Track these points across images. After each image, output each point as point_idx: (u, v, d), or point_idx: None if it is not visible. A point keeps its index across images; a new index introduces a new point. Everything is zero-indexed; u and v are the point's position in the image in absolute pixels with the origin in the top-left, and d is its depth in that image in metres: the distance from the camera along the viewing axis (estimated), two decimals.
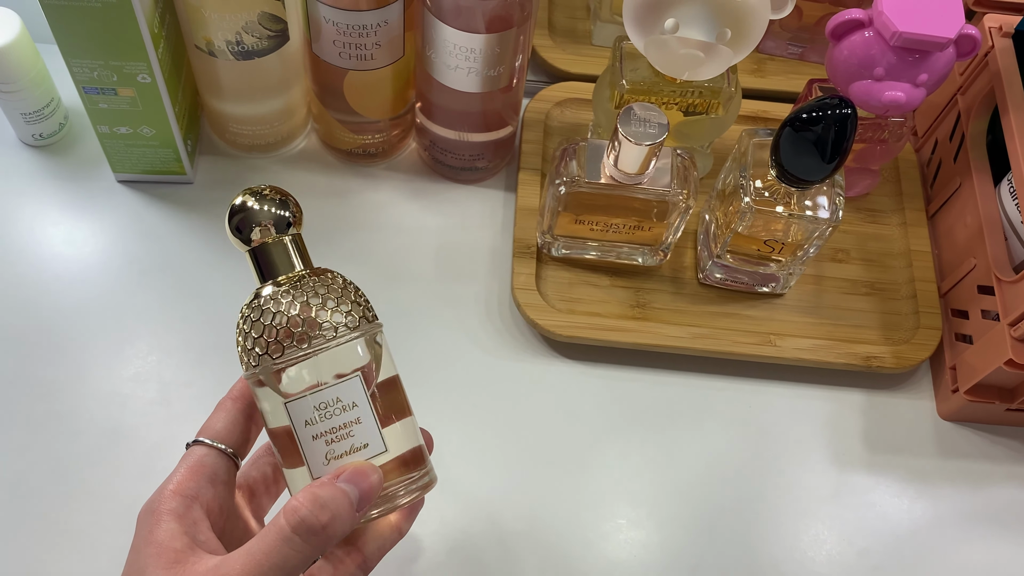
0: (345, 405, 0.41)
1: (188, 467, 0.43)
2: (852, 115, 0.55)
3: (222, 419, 0.44)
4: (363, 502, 0.40)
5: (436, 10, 0.58)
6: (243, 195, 0.43)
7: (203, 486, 0.42)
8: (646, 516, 0.61)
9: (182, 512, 0.41)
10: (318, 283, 0.42)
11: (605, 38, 0.76)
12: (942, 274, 0.70)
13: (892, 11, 0.58)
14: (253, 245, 0.43)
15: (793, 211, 0.60)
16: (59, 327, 0.64)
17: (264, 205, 0.42)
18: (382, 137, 0.70)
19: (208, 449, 0.43)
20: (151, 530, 0.41)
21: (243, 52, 0.61)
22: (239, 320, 0.43)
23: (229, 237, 0.43)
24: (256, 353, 0.41)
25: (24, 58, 0.64)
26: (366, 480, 0.40)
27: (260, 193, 0.43)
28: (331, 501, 0.39)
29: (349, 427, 0.41)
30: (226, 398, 0.45)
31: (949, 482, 0.64)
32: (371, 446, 0.41)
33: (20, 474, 0.59)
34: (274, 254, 0.43)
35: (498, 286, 0.68)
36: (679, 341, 0.65)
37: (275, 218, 0.42)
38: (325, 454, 0.41)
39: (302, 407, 0.41)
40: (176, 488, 0.42)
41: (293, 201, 0.43)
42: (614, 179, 0.61)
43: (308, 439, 0.41)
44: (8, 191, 0.69)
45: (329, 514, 0.39)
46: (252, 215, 0.42)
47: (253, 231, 0.42)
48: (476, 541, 0.60)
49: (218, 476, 0.43)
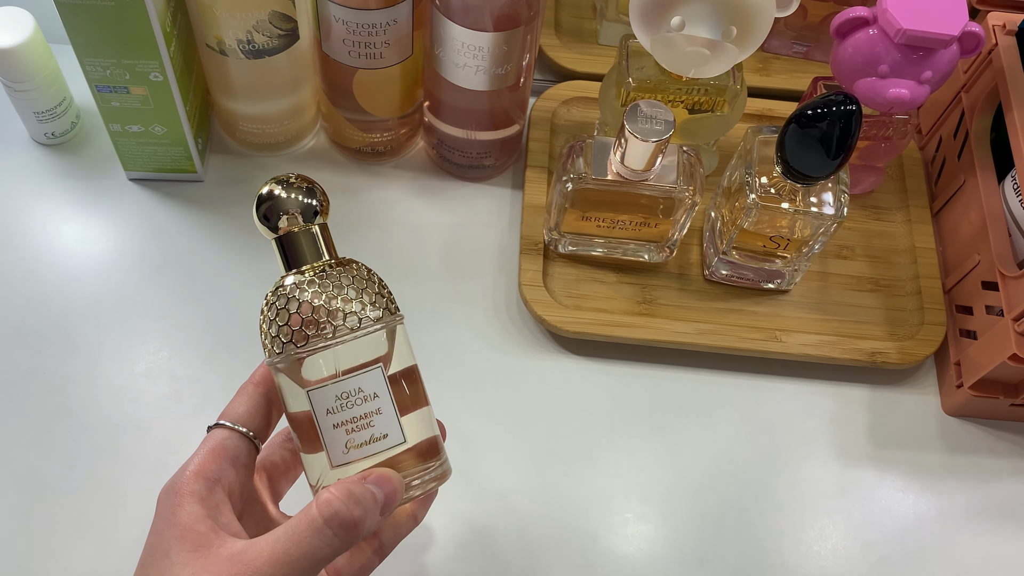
0: (367, 395, 0.41)
1: (210, 449, 0.43)
2: (857, 111, 0.55)
3: (244, 403, 0.45)
4: (387, 506, 0.41)
5: (445, 9, 0.59)
6: (271, 183, 0.43)
7: (225, 468, 0.42)
8: (653, 510, 0.62)
9: (204, 494, 0.41)
10: (343, 273, 0.42)
11: (611, 37, 0.77)
12: (946, 270, 0.70)
13: (896, 9, 0.58)
14: (280, 233, 0.43)
15: (798, 207, 0.61)
16: (71, 323, 0.65)
17: (292, 193, 0.43)
18: (390, 135, 0.70)
19: (230, 432, 0.43)
20: (174, 511, 0.41)
21: (254, 51, 0.62)
22: (263, 307, 0.43)
23: (256, 224, 0.43)
24: (280, 341, 0.42)
25: (37, 57, 0.65)
26: (390, 485, 0.41)
27: (287, 182, 0.43)
28: (363, 498, 0.40)
29: (369, 417, 0.41)
30: (248, 382, 0.45)
31: (954, 477, 0.65)
32: (390, 436, 0.42)
33: (33, 468, 0.60)
34: (300, 243, 0.43)
35: (505, 282, 0.69)
36: (685, 337, 0.66)
37: (302, 207, 0.43)
38: (345, 443, 0.42)
39: (324, 395, 0.41)
40: (198, 470, 0.42)
41: (320, 190, 0.44)
42: (621, 176, 0.61)
43: (329, 427, 0.42)
44: (21, 189, 0.69)
45: (362, 509, 0.40)
46: (280, 203, 0.42)
47: (280, 219, 0.42)
48: (487, 535, 0.60)
49: (239, 459, 0.43)
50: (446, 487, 0.60)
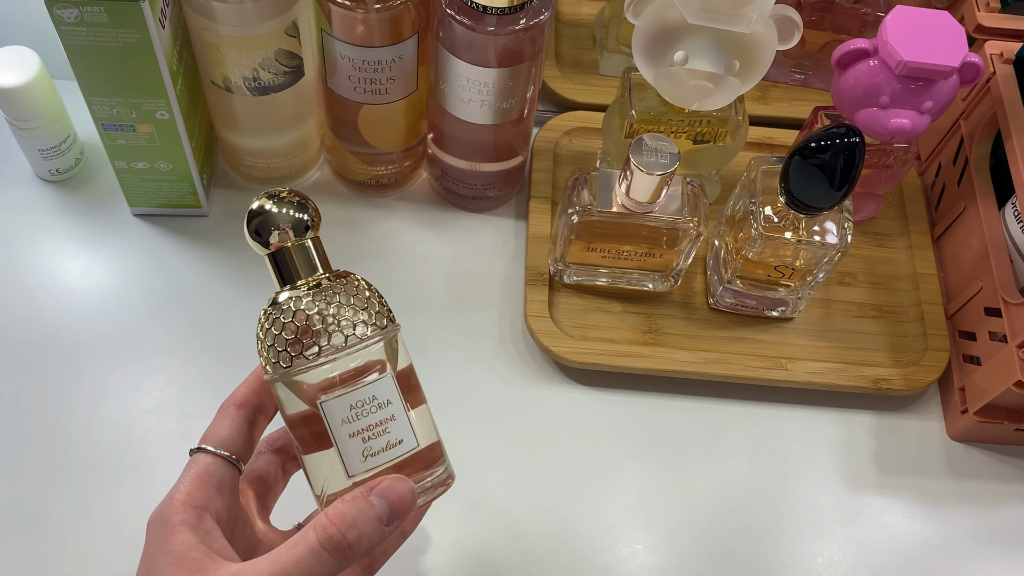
0: (380, 403, 0.42)
1: (195, 476, 0.43)
2: (860, 143, 0.56)
3: (226, 426, 0.44)
4: (393, 516, 0.41)
5: (449, 45, 0.60)
6: (261, 198, 0.43)
7: (211, 495, 0.43)
8: (662, 541, 0.62)
9: (195, 523, 0.41)
10: (337, 286, 0.42)
11: (612, 68, 0.77)
12: (948, 296, 0.71)
13: (897, 40, 0.59)
14: (272, 249, 0.43)
15: (802, 237, 0.61)
16: (78, 360, 0.65)
17: (283, 208, 0.43)
18: (394, 168, 0.71)
19: (213, 457, 0.43)
20: (166, 540, 0.41)
21: (259, 88, 0.62)
22: (259, 324, 0.43)
23: (248, 241, 0.43)
24: (277, 355, 0.42)
25: (42, 95, 0.65)
26: (396, 495, 0.41)
27: (278, 196, 0.43)
28: (360, 518, 0.40)
29: (384, 424, 0.42)
30: (229, 404, 0.45)
31: (960, 502, 0.65)
32: (405, 442, 0.42)
33: (40, 507, 0.59)
34: (293, 258, 0.43)
35: (511, 313, 0.69)
36: (691, 366, 0.66)
37: (294, 221, 0.42)
38: (362, 451, 0.42)
39: (338, 405, 0.41)
40: (186, 499, 0.42)
41: (312, 204, 0.43)
42: (626, 207, 0.62)
43: (344, 437, 0.42)
44: (25, 226, 0.69)
45: (356, 532, 0.40)
46: (271, 218, 0.42)
47: (272, 235, 0.42)
48: (495, 566, 0.60)
49: (224, 484, 0.43)
50: (455, 518, 0.61)
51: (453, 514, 0.61)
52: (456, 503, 0.59)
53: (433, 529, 0.61)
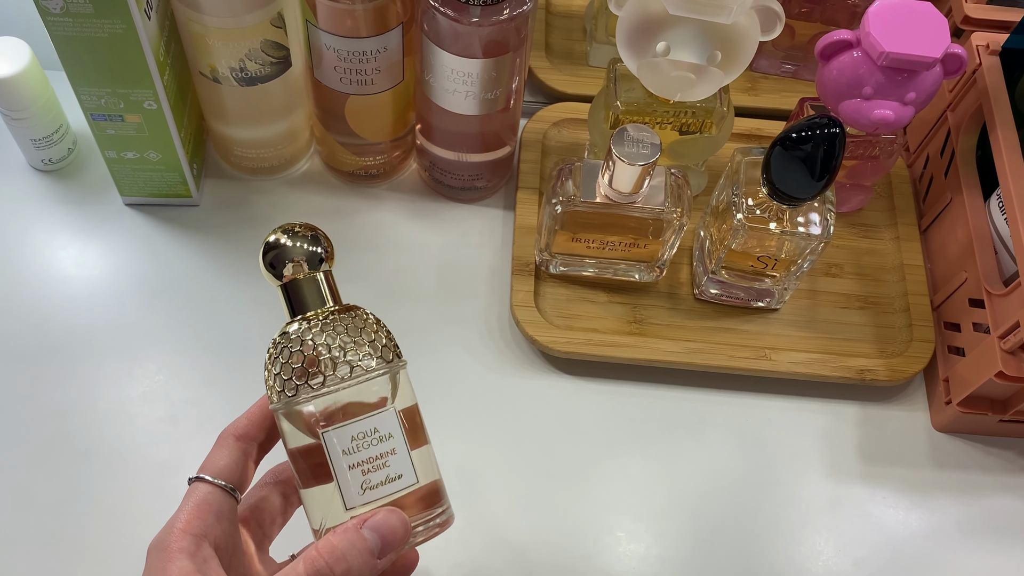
0: (382, 436, 0.42)
1: (195, 505, 0.43)
2: (840, 134, 0.56)
3: (224, 456, 0.45)
4: (385, 550, 0.41)
5: (434, 36, 0.60)
6: (276, 232, 0.44)
7: (210, 524, 0.43)
8: (645, 529, 0.63)
9: (193, 550, 0.42)
10: (347, 320, 0.43)
11: (601, 59, 0.78)
12: (935, 287, 0.71)
13: (879, 32, 0.59)
14: (285, 281, 0.44)
15: (785, 228, 0.62)
16: (69, 348, 0.65)
17: (297, 242, 0.44)
18: (383, 159, 0.71)
19: (211, 487, 0.44)
20: (164, 567, 0.41)
21: (247, 78, 0.63)
22: (267, 353, 0.44)
23: (262, 272, 0.44)
24: (283, 383, 0.42)
25: (34, 86, 0.66)
26: (389, 528, 0.42)
27: (293, 231, 0.44)
28: (349, 551, 0.41)
29: (385, 457, 0.42)
30: (228, 434, 0.46)
31: (944, 493, 0.65)
32: (404, 477, 0.43)
33: (31, 492, 0.60)
34: (305, 290, 0.44)
35: (498, 303, 0.69)
36: (676, 356, 0.66)
37: (307, 255, 0.44)
38: (361, 484, 0.42)
39: (340, 437, 0.42)
40: (185, 527, 0.43)
41: (325, 237, 0.45)
42: (609, 198, 0.62)
43: (344, 468, 0.42)
44: (18, 215, 0.70)
45: (345, 565, 0.41)
46: (285, 252, 0.44)
47: (286, 267, 0.44)
48: (477, 555, 0.61)
49: (223, 514, 0.44)
50: None
51: None
52: None
53: None
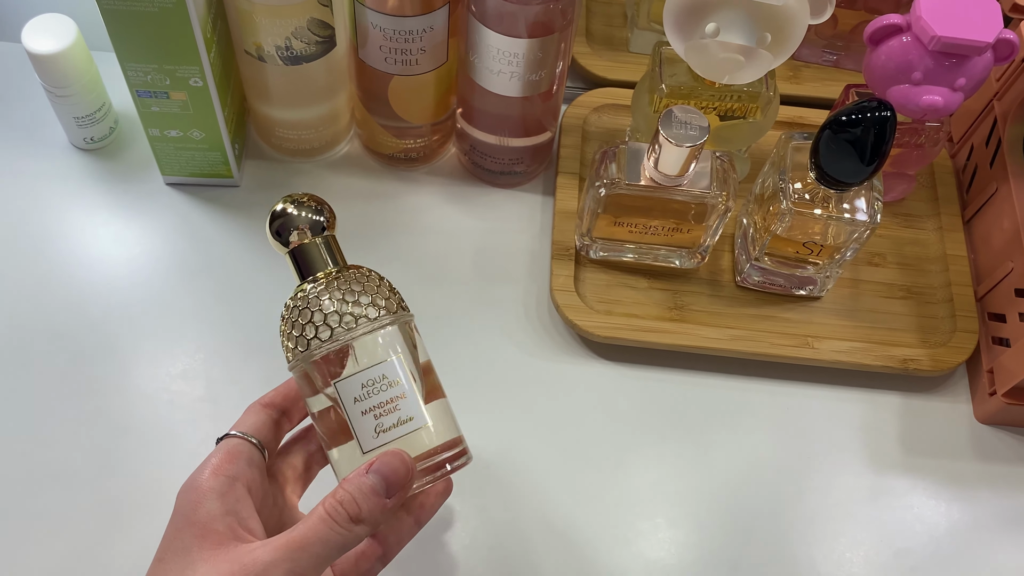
0: (390, 381, 0.45)
1: (226, 452, 0.45)
2: (891, 118, 0.55)
3: (251, 419, 0.47)
4: (391, 490, 0.42)
5: (480, 15, 0.60)
6: (282, 202, 0.47)
7: (242, 467, 0.44)
8: (684, 516, 0.62)
9: (225, 491, 0.43)
10: (352, 278, 0.46)
11: (642, 45, 0.77)
12: (978, 278, 0.70)
13: (930, 16, 0.59)
14: (291, 247, 0.47)
15: (831, 213, 0.61)
16: (108, 326, 0.65)
17: (301, 211, 0.47)
18: (423, 142, 0.71)
19: (241, 440, 0.46)
20: (194, 509, 0.42)
21: (292, 57, 0.63)
22: (281, 320, 0.46)
23: (269, 240, 0.48)
24: (295, 340, 0.45)
25: (79, 62, 0.66)
26: (391, 469, 0.43)
27: (297, 200, 0.47)
28: (357, 493, 0.42)
29: (395, 402, 0.45)
30: (256, 403, 0.48)
31: (986, 485, 0.65)
32: (415, 419, 0.45)
33: (72, 469, 0.60)
34: (311, 254, 0.47)
35: (537, 288, 0.69)
36: (716, 343, 0.66)
37: (311, 222, 0.47)
38: (374, 427, 0.44)
39: (350, 385, 0.44)
40: (216, 469, 0.44)
41: (327, 207, 0.48)
42: (654, 181, 0.61)
43: (357, 415, 0.44)
44: (60, 193, 0.70)
45: (355, 508, 0.42)
46: (290, 220, 0.47)
47: (291, 234, 0.47)
48: (516, 538, 0.60)
49: (254, 460, 0.45)
50: (479, 489, 0.61)
51: (475, 485, 0.61)
52: (479, 474, 0.59)
53: (455, 498, 0.61)
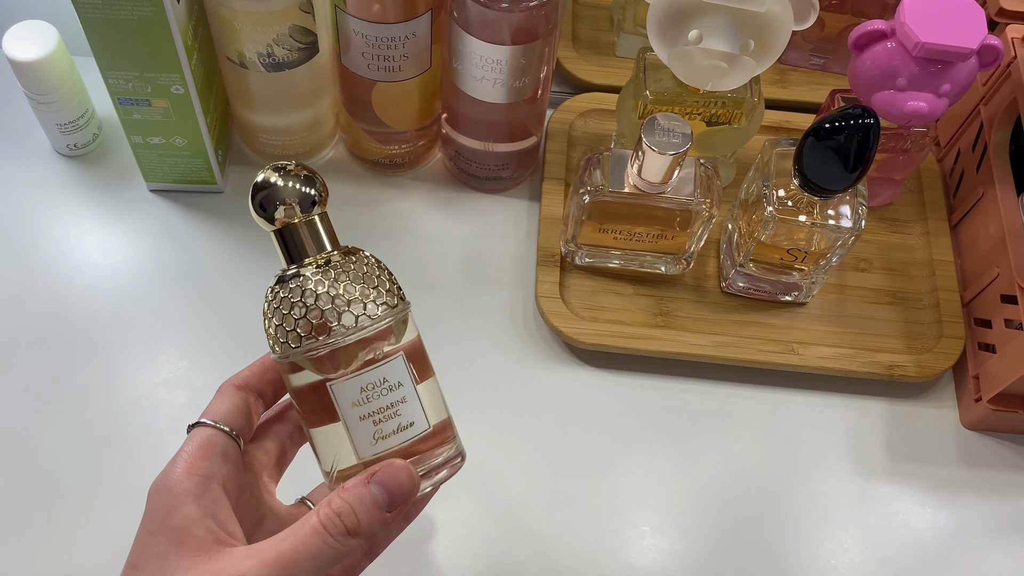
0: (391, 385, 0.40)
1: (199, 445, 0.41)
2: (875, 125, 0.55)
3: (224, 403, 0.43)
4: (393, 504, 0.40)
5: (463, 22, 0.59)
6: (266, 171, 0.41)
7: (217, 463, 0.41)
8: (669, 523, 0.62)
9: (200, 492, 0.40)
10: (346, 264, 0.41)
11: (628, 49, 0.77)
12: (965, 283, 0.70)
13: (915, 22, 0.58)
14: (277, 225, 0.41)
15: (816, 220, 0.61)
16: (92, 333, 0.65)
17: (289, 182, 0.40)
18: (408, 147, 0.71)
19: (213, 430, 0.42)
20: (168, 513, 0.39)
21: (274, 64, 0.62)
22: (265, 302, 0.41)
23: (252, 215, 0.41)
24: (286, 335, 0.40)
25: (61, 69, 0.65)
26: (396, 483, 0.40)
27: (284, 169, 0.41)
28: (358, 506, 0.39)
29: (396, 407, 0.41)
30: (229, 384, 0.44)
31: (972, 491, 0.65)
32: (416, 424, 0.41)
33: (54, 478, 0.60)
34: (300, 234, 0.41)
35: (522, 294, 0.69)
36: (702, 349, 0.66)
37: (300, 196, 0.40)
38: (372, 434, 0.41)
39: (348, 388, 0.40)
40: (189, 468, 0.40)
41: (319, 178, 0.41)
42: (638, 188, 0.61)
43: (355, 420, 0.40)
44: (43, 200, 0.70)
45: (354, 521, 0.39)
46: (276, 192, 0.40)
47: (277, 209, 0.40)
48: (502, 545, 0.60)
49: (229, 454, 0.42)
50: (462, 495, 0.61)
51: (460, 493, 0.61)
52: (463, 482, 0.59)
53: (439, 507, 0.61)
